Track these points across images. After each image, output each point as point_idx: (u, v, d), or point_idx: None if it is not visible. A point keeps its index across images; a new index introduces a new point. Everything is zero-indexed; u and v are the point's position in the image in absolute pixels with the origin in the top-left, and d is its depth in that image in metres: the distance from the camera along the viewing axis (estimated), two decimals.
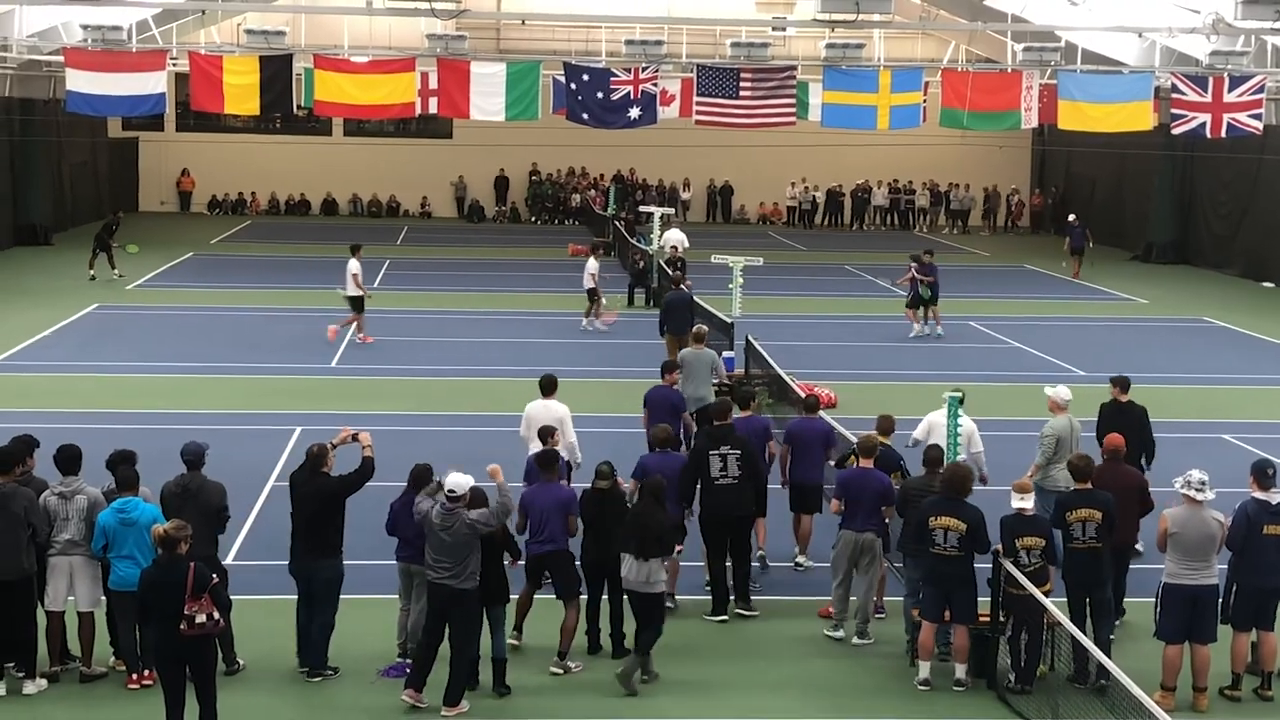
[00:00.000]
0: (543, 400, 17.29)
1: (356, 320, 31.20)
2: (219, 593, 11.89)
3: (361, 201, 62.32)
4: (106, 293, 37.08)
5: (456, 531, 13.05)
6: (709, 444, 15.85)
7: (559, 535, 14.32)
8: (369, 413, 24.10)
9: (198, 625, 11.72)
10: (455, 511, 13.09)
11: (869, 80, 35.03)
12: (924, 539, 13.90)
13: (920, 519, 13.97)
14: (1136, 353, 32.28)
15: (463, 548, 13.06)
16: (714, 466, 15.62)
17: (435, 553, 13.15)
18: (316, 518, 13.79)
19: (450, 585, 13.08)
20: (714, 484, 15.62)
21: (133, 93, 33.11)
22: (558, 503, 14.36)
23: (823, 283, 42.35)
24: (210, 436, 15.92)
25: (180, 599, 11.68)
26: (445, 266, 44.98)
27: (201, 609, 11.70)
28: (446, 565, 13.08)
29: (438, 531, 13.10)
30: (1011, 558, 13.63)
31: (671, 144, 54.49)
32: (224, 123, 55.56)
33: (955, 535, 13.74)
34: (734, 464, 15.65)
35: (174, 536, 11.87)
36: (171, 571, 11.81)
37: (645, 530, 13.87)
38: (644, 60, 34.64)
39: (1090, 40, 40.45)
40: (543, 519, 14.31)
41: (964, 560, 13.79)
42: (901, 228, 61.67)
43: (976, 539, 13.78)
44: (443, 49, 34.09)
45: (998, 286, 42.86)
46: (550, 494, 14.43)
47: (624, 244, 44.77)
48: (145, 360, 28.80)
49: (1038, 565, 13.65)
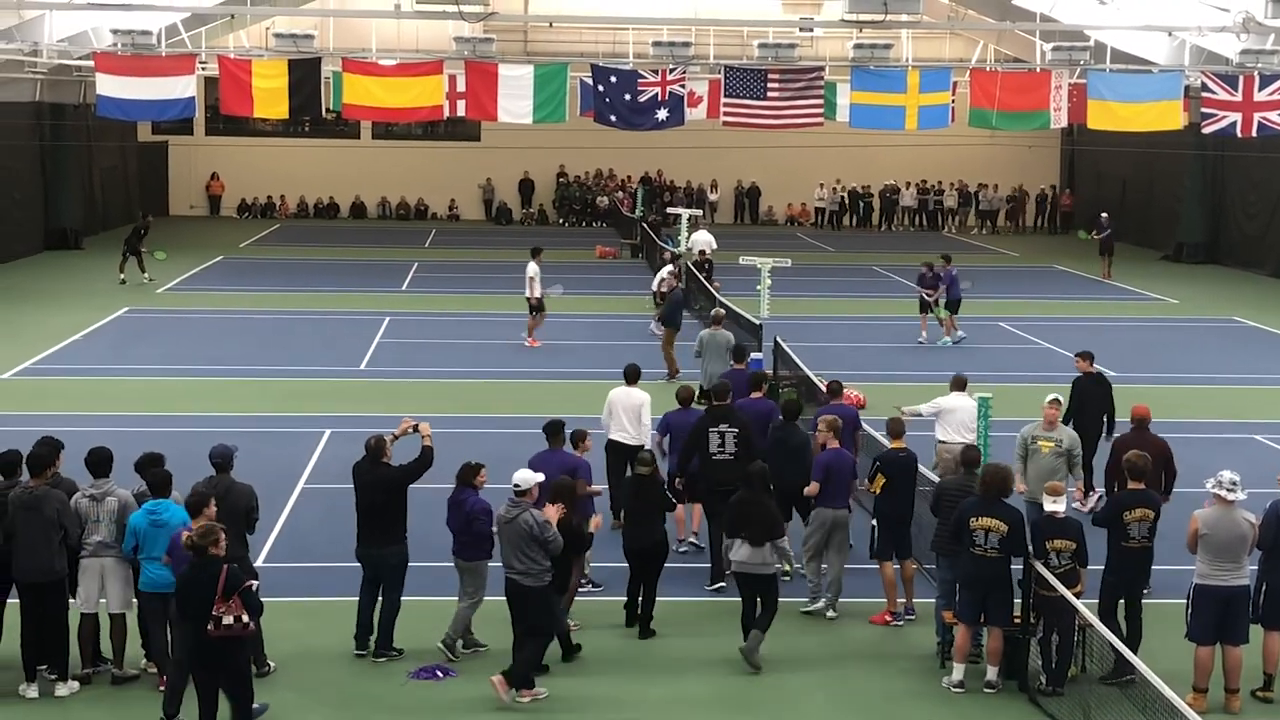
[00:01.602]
0: (625, 388, 18.26)
1: (534, 323, 31.11)
2: (250, 596, 11.91)
3: (390, 204, 62.47)
4: (137, 296, 37.24)
5: (516, 526, 13.38)
6: (709, 422, 16.67)
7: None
8: (398, 415, 24.11)
9: (224, 627, 11.75)
10: (519, 505, 13.46)
11: (897, 80, 34.97)
12: (963, 539, 13.85)
13: (960, 519, 13.91)
14: (1166, 353, 32.17)
15: (525, 543, 13.35)
16: (712, 443, 16.50)
17: (503, 548, 13.60)
18: (379, 507, 14.10)
19: (517, 581, 13.46)
20: (711, 459, 16.50)
21: (162, 97, 33.27)
22: (563, 469, 15.02)
23: (851, 284, 42.27)
24: (240, 439, 15.99)
25: (210, 600, 11.73)
26: (473, 269, 45.06)
27: (230, 611, 11.73)
28: (514, 562, 13.45)
29: (503, 526, 13.54)
30: (1042, 559, 13.59)
31: (699, 145, 54.49)
32: (253, 126, 55.77)
33: (996, 536, 13.68)
34: (731, 441, 16.46)
35: (199, 544, 11.92)
36: (204, 572, 11.86)
37: (758, 517, 14.40)
38: (671, 62, 34.65)
39: (1120, 39, 40.28)
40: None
41: (1002, 562, 13.75)
42: (930, 228, 61.51)
43: (1016, 540, 13.72)
44: (470, 52, 34.14)
45: (1027, 287, 42.73)
46: (556, 461, 15.26)
47: (652, 246, 44.75)
48: (175, 363, 28.92)
49: (1068, 567, 13.59)
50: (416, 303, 37.42)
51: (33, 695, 13.35)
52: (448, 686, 13.79)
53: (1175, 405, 25.85)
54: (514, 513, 13.46)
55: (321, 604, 15.83)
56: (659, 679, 14.05)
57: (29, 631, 13.43)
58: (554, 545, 13.46)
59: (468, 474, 14.27)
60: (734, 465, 16.19)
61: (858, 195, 61.95)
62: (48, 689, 13.45)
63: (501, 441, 21.73)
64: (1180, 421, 24.44)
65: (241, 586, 11.82)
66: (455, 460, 14.74)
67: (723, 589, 16.18)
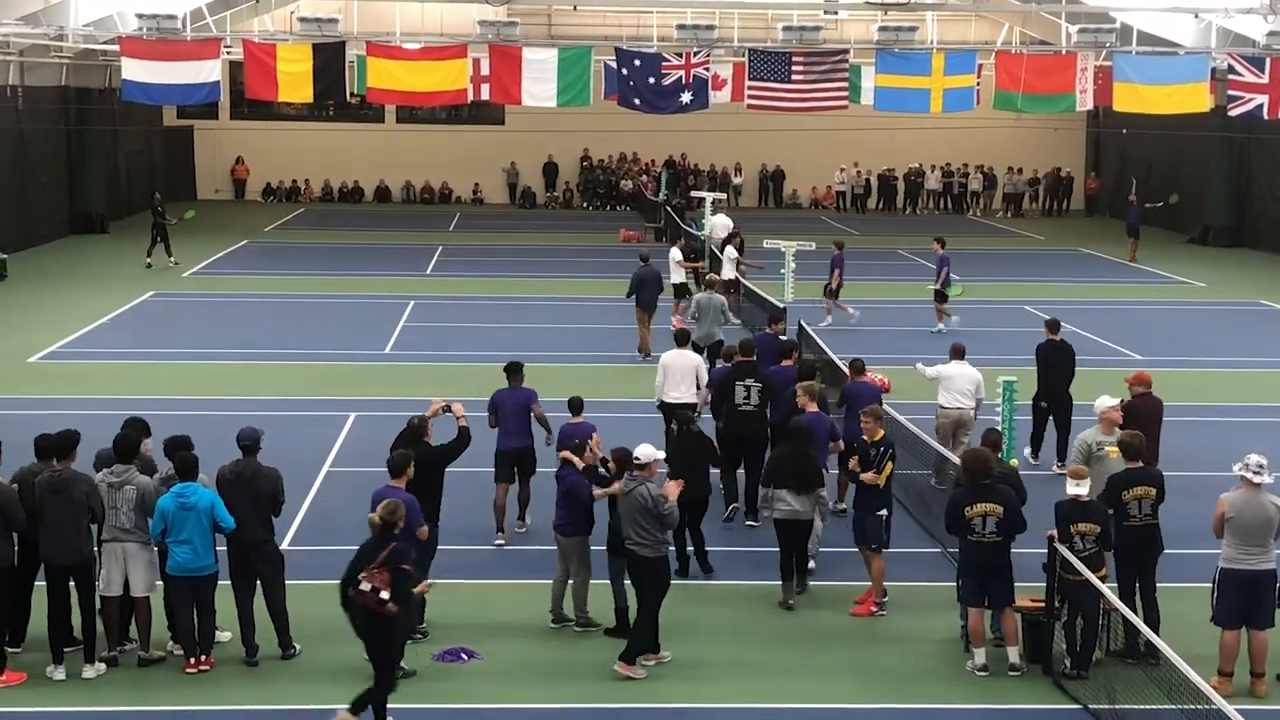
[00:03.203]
0: (678, 350, 19.92)
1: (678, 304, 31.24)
2: (402, 579, 12.07)
3: (414, 188, 62.54)
4: (162, 280, 37.36)
5: (633, 499, 13.80)
6: (736, 375, 18.37)
7: (523, 432, 17.27)
8: (423, 398, 24.17)
9: (360, 591, 12.00)
10: (637, 478, 13.90)
11: (922, 63, 34.92)
12: (960, 528, 13.81)
13: (954, 509, 13.86)
14: (1193, 336, 32.04)
15: (642, 516, 13.73)
16: (739, 395, 18.21)
17: (623, 520, 13.97)
18: (417, 485, 14.05)
19: (634, 551, 13.81)
20: (737, 409, 18.19)
21: (188, 81, 33.41)
22: (520, 403, 17.32)
23: (876, 268, 42.15)
24: (265, 422, 16.02)
25: (366, 565, 12.08)
26: (498, 252, 45.08)
27: (372, 580, 11.99)
28: (631, 533, 13.83)
29: (622, 498, 13.98)
30: (1066, 543, 13.56)
31: (723, 129, 54.40)
32: (278, 110, 55.76)
33: (994, 520, 13.66)
34: (755, 394, 18.16)
35: (387, 521, 12.26)
36: (379, 545, 12.17)
37: (802, 468, 15.40)
38: (695, 45, 34.64)
39: (1145, 21, 40.10)
40: (510, 418, 17.27)
41: (1002, 545, 13.74)
42: (955, 212, 61.37)
43: (1014, 520, 13.72)
44: (494, 35, 34.18)
45: (1052, 270, 42.58)
46: (515, 396, 17.41)
47: (676, 229, 44.70)
48: (200, 347, 29.02)
49: (1093, 550, 13.57)
50: (441, 286, 37.45)
51: (60, 677, 13.41)
52: (472, 668, 13.82)
53: (1201, 389, 25.75)
54: (631, 485, 13.88)
55: None
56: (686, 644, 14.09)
57: (56, 614, 13.50)
58: (670, 519, 13.90)
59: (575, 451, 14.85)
60: (757, 415, 18.09)
61: (883, 179, 61.82)
62: (75, 669, 13.51)
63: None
64: (1207, 405, 24.36)
65: (398, 566, 12.06)
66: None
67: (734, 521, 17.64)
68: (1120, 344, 30.55)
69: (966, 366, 19.84)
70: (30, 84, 43.78)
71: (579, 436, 15.66)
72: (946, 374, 19.70)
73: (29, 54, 42.08)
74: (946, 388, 19.63)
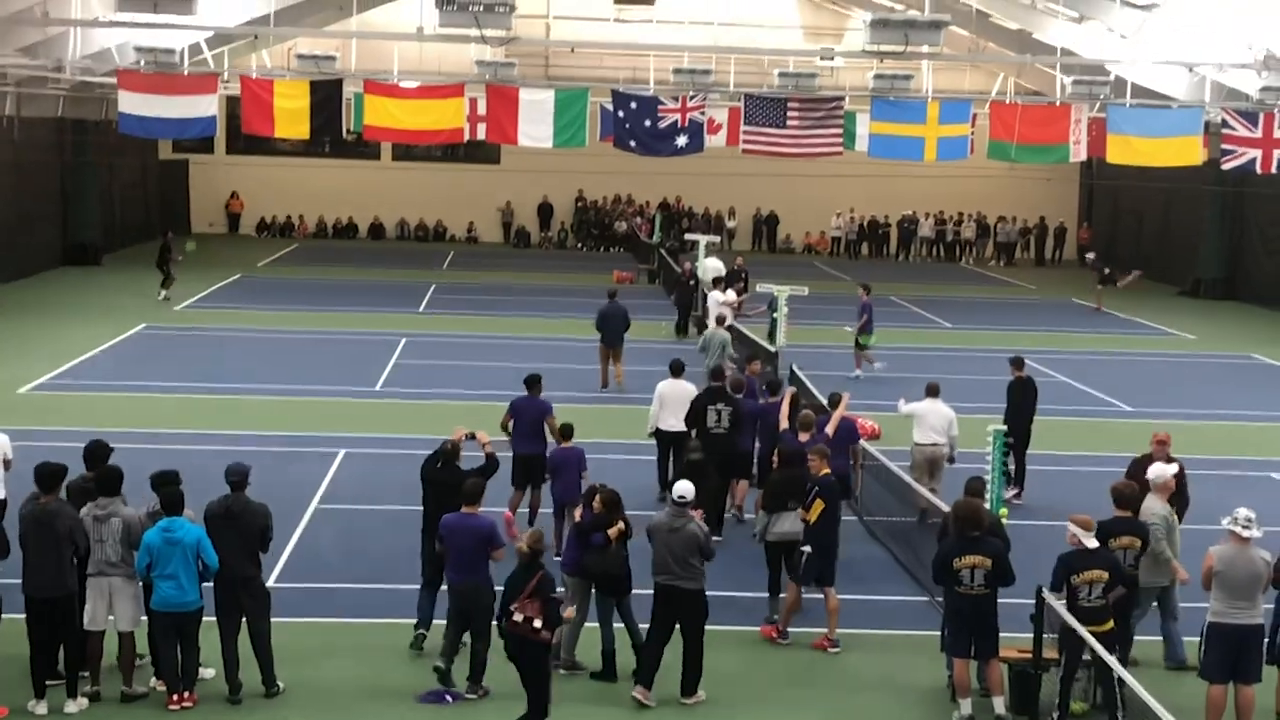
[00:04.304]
0: (673, 380, 20.82)
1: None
2: (553, 606, 12.74)
3: (409, 226, 62.59)
4: (154, 313, 37.33)
5: (684, 535, 14.02)
6: (708, 399, 19.50)
7: (537, 439, 18.63)
8: (413, 436, 24.16)
9: (513, 623, 12.66)
10: (684, 514, 14.17)
11: (917, 111, 35.01)
12: (948, 579, 13.75)
13: (943, 560, 13.79)
14: (1183, 388, 32.08)
15: (690, 552, 14.01)
16: (710, 418, 19.33)
17: (661, 555, 14.10)
18: (445, 508, 14.33)
19: (678, 586, 13.99)
20: (709, 432, 19.21)
21: (184, 115, 33.40)
22: (536, 413, 18.83)
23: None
24: (254, 457, 16.01)
25: (517, 595, 12.73)
26: (491, 291, 45.10)
27: (524, 610, 12.63)
28: (674, 568, 14.01)
29: (665, 532, 14.08)
30: (1067, 594, 13.44)
31: (718, 172, 54.57)
32: (273, 146, 55.80)
33: (982, 572, 13.57)
34: (726, 417, 19.33)
35: (535, 549, 12.99)
36: (529, 573, 12.83)
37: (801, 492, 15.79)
38: (692, 89, 34.73)
39: (1139, 74, 40.27)
40: (526, 425, 18.80)
41: (990, 597, 13.67)
42: (948, 260, 61.49)
43: (1003, 572, 13.64)
44: (492, 75, 34.26)
45: (1044, 320, 42.66)
46: (532, 406, 18.96)
47: (669, 272, 44.76)
48: (192, 381, 28.96)
49: (1100, 603, 13.45)
50: (433, 324, 37.46)
51: (42, 712, 13.31)
52: (458, 710, 13.76)
53: (1191, 441, 25.74)
54: (680, 523, 14.10)
55: (334, 625, 15.81)
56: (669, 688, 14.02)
57: (38, 648, 13.42)
58: (713, 552, 14.28)
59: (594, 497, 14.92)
60: (728, 438, 19.23)
61: (875, 225, 61.96)
62: (58, 704, 13.41)
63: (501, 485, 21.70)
64: (1196, 458, 24.30)
65: (548, 595, 12.73)
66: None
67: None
68: (1109, 394, 30.59)
69: (940, 404, 20.40)
70: (26, 115, 43.83)
71: (569, 461, 17.56)
72: (919, 411, 20.35)
73: (26, 85, 42.13)
74: (920, 425, 20.26)
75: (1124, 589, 13.72)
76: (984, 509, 14.34)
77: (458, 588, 13.98)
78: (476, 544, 13.82)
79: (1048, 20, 44.44)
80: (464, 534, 13.87)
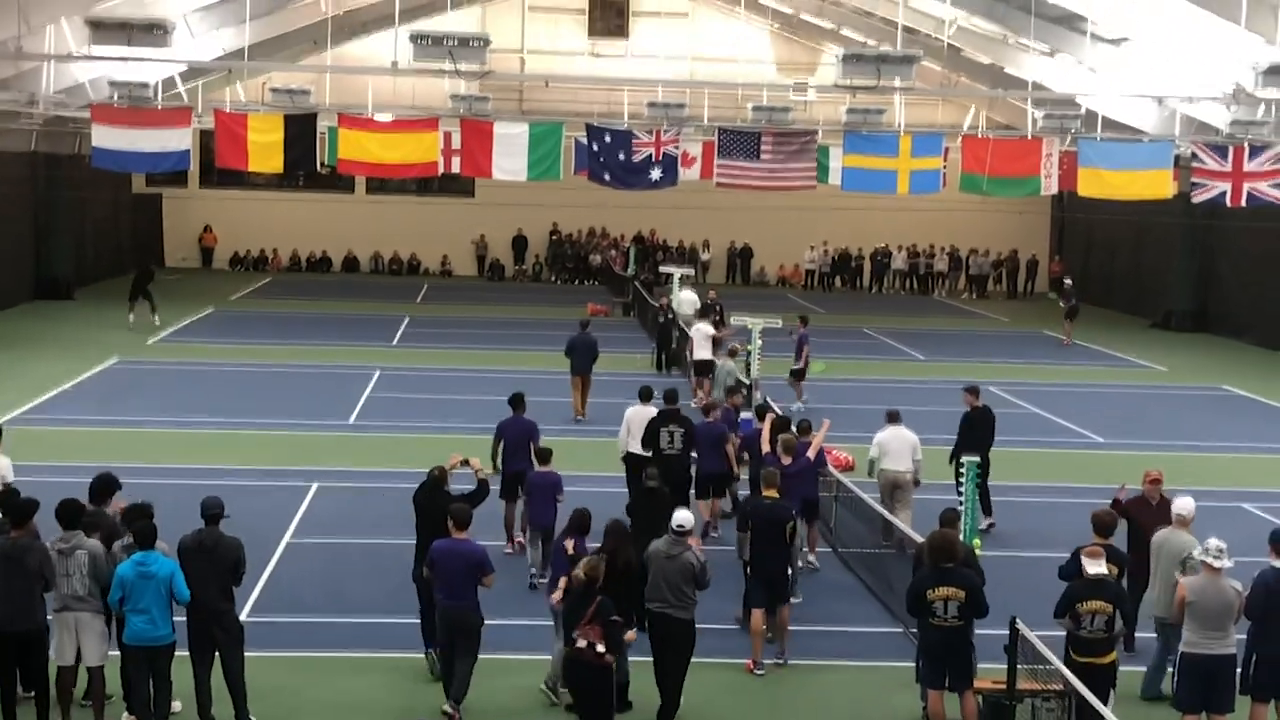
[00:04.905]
0: (640, 406, 21.22)
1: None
2: (614, 630, 12.95)
3: (383, 259, 62.57)
4: (127, 347, 37.20)
5: (679, 564, 14.12)
6: (661, 421, 20.17)
7: (524, 457, 19.16)
8: (389, 469, 24.11)
9: (578, 650, 12.88)
10: (680, 543, 14.26)
11: (889, 145, 35.14)
12: (922, 611, 13.74)
13: (916, 592, 13.76)
14: (1155, 420, 32.20)
15: (684, 581, 14.11)
16: (663, 439, 20.02)
17: (656, 582, 14.17)
18: (437, 533, 14.41)
19: (669, 614, 14.04)
20: (662, 453, 19.82)
21: (158, 149, 33.31)
22: (522, 432, 19.54)
23: (841, 345, 42.29)
24: (227, 491, 15.91)
25: (579, 621, 13.01)
26: (465, 324, 45.09)
27: (587, 635, 12.85)
28: (668, 595, 14.09)
29: (662, 559, 14.18)
30: (1073, 624, 13.46)
31: (692, 205, 54.70)
32: (247, 179, 55.72)
33: (955, 604, 13.54)
34: (679, 439, 20.02)
35: (591, 577, 13.18)
36: (584, 602, 13.09)
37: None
38: (666, 122, 34.83)
39: (1110, 108, 40.58)
40: (512, 444, 19.56)
41: (964, 629, 13.64)
42: (920, 292, 61.69)
43: (977, 604, 13.60)
44: (466, 109, 34.33)
45: (1016, 352, 42.81)
46: (517, 426, 19.70)
47: (644, 305, 44.80)
48: (164, 415, 28.86)
49: (1102, 634, 13.40)
50: (407, 357, 37.42)
51: None
52: None
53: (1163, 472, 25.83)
54: (677, 550, 14.20)
55: (307, 659, 15.75)
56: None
57: (7, 682, 13.33)
58: (708, 582, 14.36)
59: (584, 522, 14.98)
60: (680, 459, 19.90)
61: (849, 258, 62.14)
62: None
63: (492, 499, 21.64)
64: (1168, 489, 24.37)
65: (608, 618, 12.91)
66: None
67: None
68: (1081, 425, 30.70)
69: (903, 430, 20.60)
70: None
71: (545, 485, 18.14)
72: (882, 439, 20.53)
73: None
74: (884, 451, 20.44)
75: (1125, 626, 13.71)
76: (957, 540, 14.35)
77: (447, 612, 13.97)
78: (466, 570, 13.86)
79: (1019, 54, 44.80)
80: (454, 559, 13.91)
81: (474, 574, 13.88)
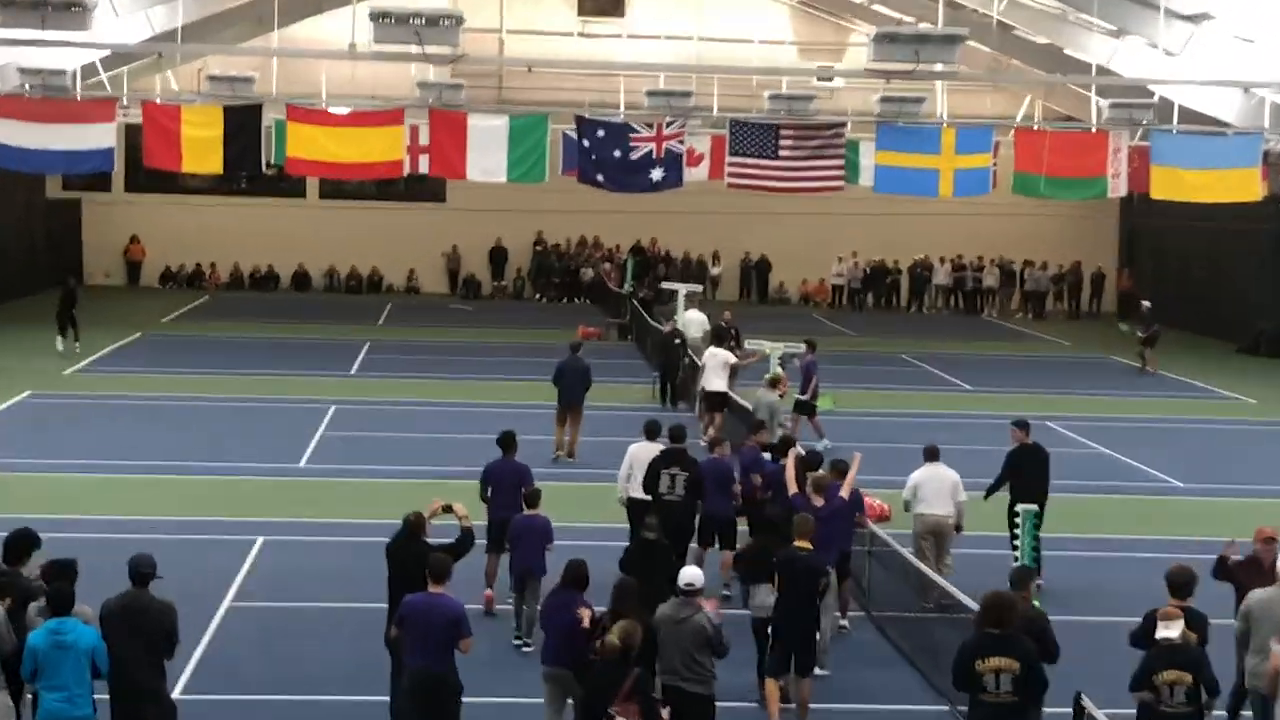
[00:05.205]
0: (646, 443, 21.36)
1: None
2: (651, 706, 12.93)
3: (339, 274, 62.67)
4: (40, 379, 37.22)
5: (689, 628, 14.12)
6: (662, 463, 20.23)
7: (515, 505, 18.96)
8: (345, 520, 24.14)
9: None
10: (690, 604, 14.24)
11: (930, 139, 35.21)
12: (971, 685, 13.46)
13: (962, 663, 13.48)
14: (1241, 461, 32.21)
15: (697, 648, 14.11)
16: (663, 484, 20.03)
17: (668, 653, 14.20)
18: (414, 585, 14.42)
19: (683, 689, 14.05)
20: (661, 498, 19.89)
21: (76, 147, 33.37)
22: (513, 476, 19.68)
23: (875, 373, 42.37)
24: (158, 546, 15.93)
25: (611, 699, 12.89)
26: (435, 350, 45.14)
27: (623, 714, 12.76)
28: (680, 669, 14.14)
29: (671, 625, 14.20)
30: (1152, 696, 13.42)
31: (699, 210, 54.86)
32: (181, 182, 55.82)
33: (1009, 677, 13.22)
34: (680, 483, 19.98)
35: (627, 646, 13.06)
36: (618, 672, 12.95)
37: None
38: (669, 114, 34.91)
39: (1188, 96, 40.63)
40: (502, 490, 19.64)
41: (1019, 706, 13.30)
42: (967, 311, 61.77)
43: (1033, 679, 13.31)
44: (436, 99, 34.38)
45: (1079, 381, 42.81)
46: (507, 469, 19.93)
47: (644, 326, 44.83)
48: (85, 458, 28.87)
49: (1184, 708, 13.35)
50: (367, 389, 37.44)
51: None
52: None
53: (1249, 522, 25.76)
54: (686, 613, 14.18)
55: None
56: None
57: None
58: (725, 648, 14.29)
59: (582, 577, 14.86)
60: (683, 507, 19.92)
61: (884, 271, 62.22)
62: None
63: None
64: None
65: (647, 694, 12.93)
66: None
67: None
68: (1155, 468, 30.71)
69: (942, 468, 20.70)
70: None
71: (532, 529, 18.35)
72: (917, 481, 20.64)
73: None
74: (921, 493, 20.57)
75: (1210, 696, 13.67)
76: (1015, 602, 14.07)
77: (418, 677, 13.88)
78: (444, 627, 13.83)
79: (1081, 34, 44.83)
80: (430, 615, 13.88)
81: (452, 633, 13.84)
